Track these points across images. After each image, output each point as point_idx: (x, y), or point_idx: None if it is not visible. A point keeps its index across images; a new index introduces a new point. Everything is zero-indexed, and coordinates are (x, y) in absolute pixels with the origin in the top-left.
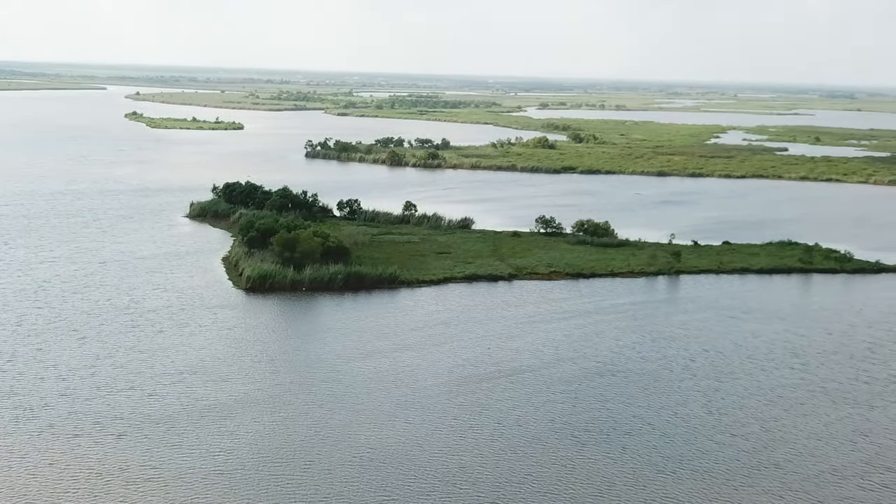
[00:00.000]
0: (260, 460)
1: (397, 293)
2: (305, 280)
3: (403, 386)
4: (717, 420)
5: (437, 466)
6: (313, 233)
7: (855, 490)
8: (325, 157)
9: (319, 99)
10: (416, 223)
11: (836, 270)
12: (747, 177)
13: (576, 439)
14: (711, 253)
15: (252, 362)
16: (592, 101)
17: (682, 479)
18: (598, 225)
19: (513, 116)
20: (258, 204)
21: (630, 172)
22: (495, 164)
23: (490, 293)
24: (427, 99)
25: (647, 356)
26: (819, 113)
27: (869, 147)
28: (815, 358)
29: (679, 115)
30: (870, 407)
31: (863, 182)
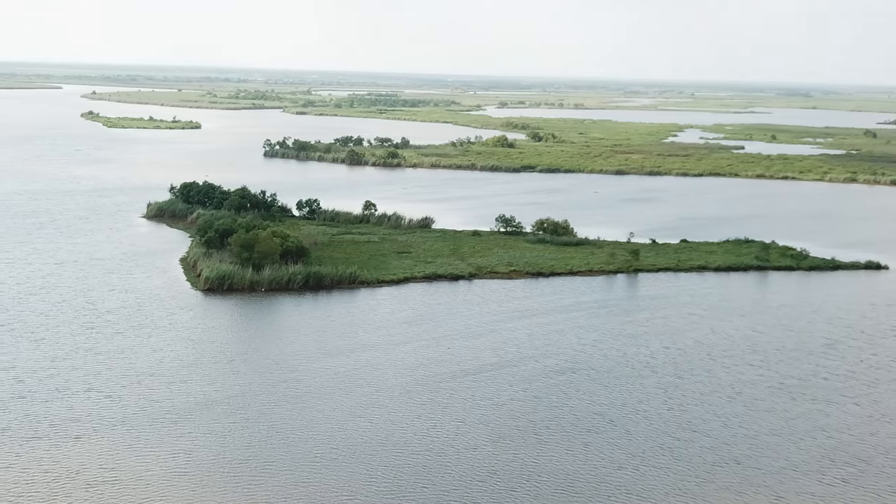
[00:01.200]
0: (219, 461)
1: (357, 293)
2: (264, 281)
3: (365, 385)
4: (677, 416)
5: (399, 466)
6: (272, 233)
7: (815, 485)
8: (284, 156)
9: (278, 98)
10: (376, 223)
11: (793, 268)
12: (704, 175)
13: (538, 437)
14: (669, 251)
15: (211, 363)
16: (551, 100)
17: (643, 475)
18: (558, 224)
19: (472, 115)
20: (216, 204)
21: (589, 171)
22: (455, 163)
23: (451, 292)
24: (386, 98)
25: (608, 354)
26: (776, 111)
27: (824, 145)
28: (775, 354)
29: (637, 113)
30: (828, 402)
31: (818, 180)
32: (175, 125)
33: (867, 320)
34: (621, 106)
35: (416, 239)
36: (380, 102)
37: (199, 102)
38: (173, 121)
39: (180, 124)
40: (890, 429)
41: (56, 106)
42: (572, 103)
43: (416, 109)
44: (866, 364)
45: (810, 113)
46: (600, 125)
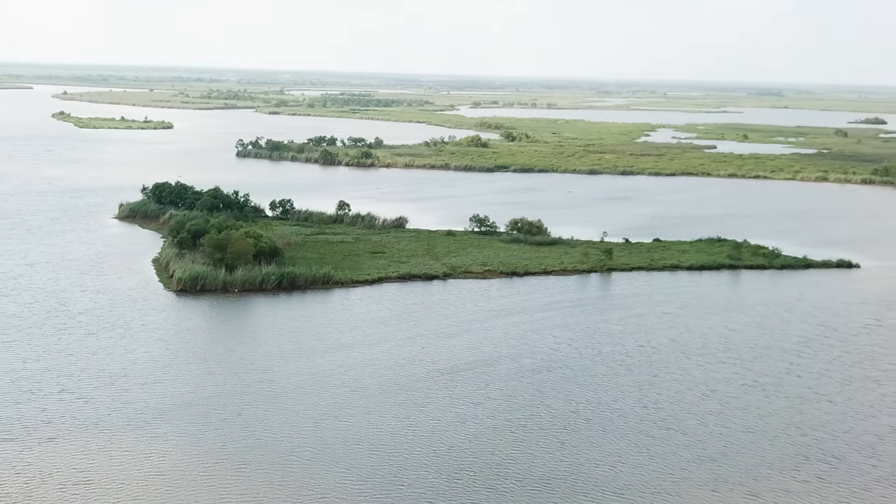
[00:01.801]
0: (194, 462)
1: (331, 293)
2: (237, 281)
3: (341, 385)
4: (653, 414)
5: (375, 465)
6: (245, 233)
7: (790, 482)
8: (257, 156)
9: (250, 97)
10: (350, 223)
11: (765, 266)
12: (677, 174)
13: (514, 435)
14: (642, 250)
15: (184, 364)
16: (524, 100)
17: (619, 473)
18: (532, 223)
19: (445, 115)
20: (188, 204)
21: (562, 171)
22: (429, 163)
23: (425, 292)
24: (359, 97)
25: (583, 352)
26: (747, 110)
27: (796, 144)
28: (749, 352)
29: (610, 113)
30: (802, 400)
31: (790, 179)
32: (147, 125)
33: (840, 318)
34: (594, 106)
35: (391, 239)
36: (353, 102)
37: (171, 102)
38: (145, 121)
39: (152, 124)
40: (863, 426)
41: (27, 106)
42: (545, 103)
43: (389, 109)
44: (839, 362)
45: (782, 112)
46: (573, 125)
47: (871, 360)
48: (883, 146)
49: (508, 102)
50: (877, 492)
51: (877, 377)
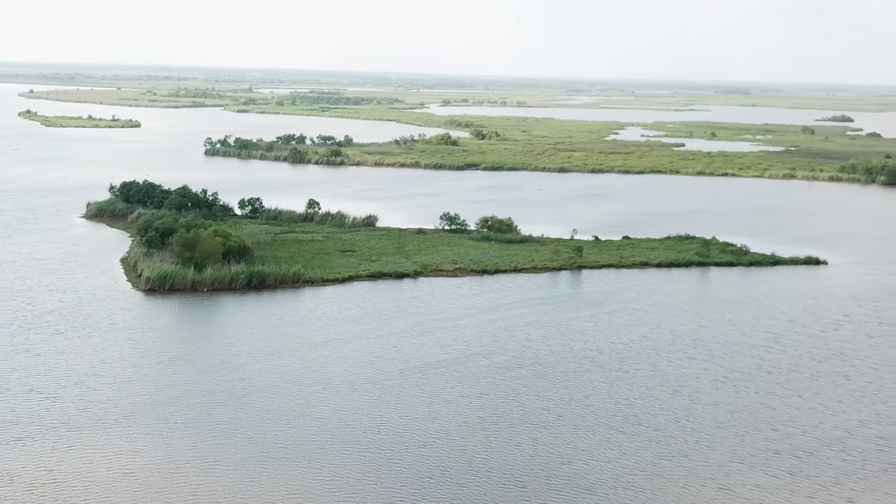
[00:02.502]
0: (164, 461)
1: (301, 292)
2: (206, 280)
3: (312, 384)
4: (624, 410)
5: (347, 463)
6: (214, 232)
7: (761, 477)
8: (226, 154)
9: (218, 96)
10: (320, 221)
11: (733, 264)
12: (646, 172)
13: (486, 433)
14: (612, 248)
15: (153, 363)
16: (494, 98)
17: (591, 469)
18: (502, 221)
19: (415, 113)
20: (157, 203)
21: (532, 169)
22: (399, 161)
23: (396, 290)
24: (329, 96)
25: (554, 349)
26: (715, 109)
27: (763, 142)
28: (719, 348)
29: (579, 111)
30: (772, 395)
31: (758, 176)
32: (115, 124)
33: (809, 314)
34: (564, 104)
35: (361, 237)
36: (322, 100)
37: (139, 101)
38: (113, 119)
39: (120, 123)
40: (833, 420)
41: None
42: (515, 101)
43: (358, 107)
44: (809, 357)
45: (749, 110)
46: (543, 123)
47: (840, 356)
48: (850, 144)
49: (478, 101)
50: (847, 486)
51: (846, 373)
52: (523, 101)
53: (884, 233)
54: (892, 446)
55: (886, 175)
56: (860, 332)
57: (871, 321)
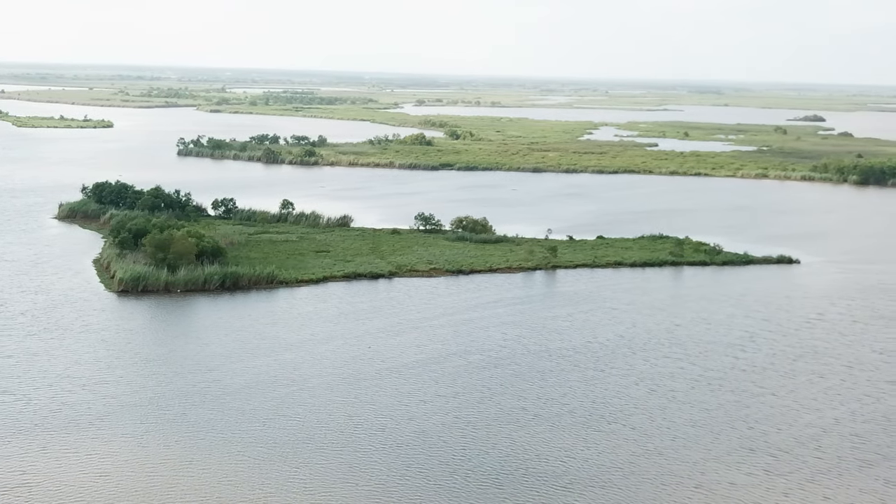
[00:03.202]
0: (138, 464)
1: (276, 293)
2: (180, 281)
3: (288, 384)
4: (600, 409)
5: (324, 463)
6: (187, 233)
7: (736, 475)
8: (199, 154)
9: (191, 95)
10: (294, 222)
11: (706, 263)
12: (619, 172)
13: (463, 432)
14: (586, 247)
15: (127, 365)
16: (468, 98)
17: (568, 468)
18: (477, 221)
19: (389, 113)
20: (129, 204)
21: (507, 169)
22: (373, 161)
23: (371, 291)
24: (302, 95)
25: (531, 349)
26: (688, 108)
27: (736, 141)
28: (694, 347)
29: (553, 111)
30: (747, 394)
31: (731, 176)
32: (87, 124)
33: (783, 313)
34: (538, 104)
35: (335, 238)
36: (296, 100)
37: (112, 101)
38: (85, 119)
39: (92, 123)
40: (807, 418)
41: None
42: (489, 101)
43: (332, 107)
44: (783, 356)
45: (722, 110)
46: (517, 123)
47: (814, 354)
48: (822, 143)
49: (452, 101)
50: (822, 483)
51: (820, 371)
52: (497, 101)
53: (855, 232)
54: (866, 444)
55: (858, 174)
56: (834, 331)
57: (845, 319)
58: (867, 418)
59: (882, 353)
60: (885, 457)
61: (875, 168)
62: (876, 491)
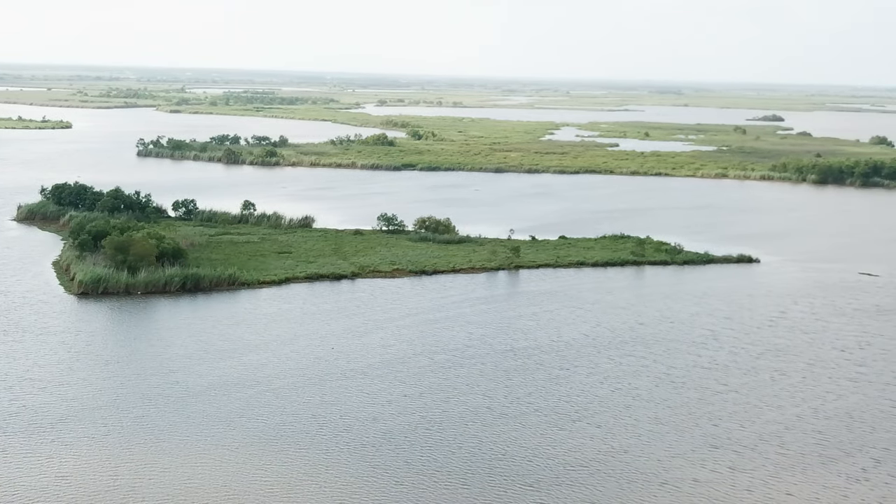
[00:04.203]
0: (98, 465)
1: (237, 294)
2: (140, 283)
3: (252, 386)
4: (566, 408)
5: (288, 464)
6: (147, 234)
7: (701, 472)
8: (158, 155)
9: (151, 96)
10: (256, 223)
11: (668, 262)
12: (581, 172)
13: (429, 432)
14: (549, 247)
15: (87, 367)
16: (430, 98)
17: (534, 466)
18: (440, 222)
19: (351, 113)
20: (89, 205)
21: (469, 169)
22: (335, 162)
23: (334, 292)
24: (263, 95)
25: (497, 349)
26: (648, 108)
27: (696, 141)
28: (658, 345)
29: (514, 111)
30: (711, 391)
31: (691, 175)
32: (45, 125)
33: (745, 311)
34: (499, 104)
35: (297, 239)
36: (256, 100)
37: (70, 101)
38: (43, 120)
39: (50, 124)
40: (770, 415)
41: None
42: (451, 101)
43: (293, 107)
44: (746, 353)
45: (682, 110)
46: (479, 123)
47: (776, 352)
48: (780, 143)
49: (414, 101)
50: (785, 480)
51: (782, 368)
52: (459, 102)
53: (815, 231)
54: (828, 440)
55: (817, 174)
56: (796, 329)
57: (807, 317)
58: (829, 415)
59: (843, 351)
60: (847, 453)
61: (833, 167)
62: (838, 487)
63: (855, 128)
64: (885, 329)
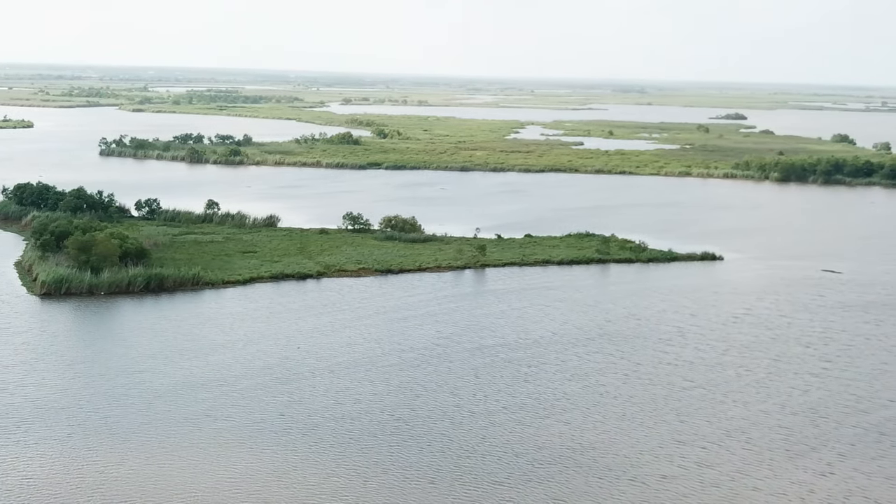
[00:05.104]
0: (62, 466)
1: (202, 294)
2: (103, 284)
3: (220, 385)
4: (535, 405)
5: (255, 464)
6: (110, 234)
7: (668, 467)
8: (121, 154)
9: (113, 95)
10: (220, 222)
11: (632, 260)
12: (546, 171)
13: (398, 430)
14: (514, 246)
15: (50, 368)
16: (395, 97)
17: (503, 463)
18: (406, 221)
19: (316, 112)
20: (51, 206)
21: (434, 167)
22: (300, 161)
23: (299, 291)
24: (226, 94)
25: (465, 347)
26: (612, 107)
27: (660, 140)
28: (625, 343)
29: (479, 110)
30: (678, 388)
31: (654, 174)
32: (6, 124)
33: (711, 308)
34: (464, 103)
35: (262, 238)
36: (219, 99)
37: (31, 100)
38: (3, 120)
39: (11, 123)
40: (736, 411)
41: None
42: (416, 100)
43: (257, 106)
44: (711, 350)
45: (646, 109)
46: (444, 122)
47: (741, 348)
48: (743, 141)
49: (379, 99)
50: (751, 475)
51: (748, 364)
52: (424, 100)
53: (777, 228)
54: (794, 435)
55: (779, 172)
56: (761, 325)
57: (772, 314)
58: (795, 410)
59: (808, 347)
60: (812, 448)
61: (796, 165)
62: (805, 482)
63: (817, 126)
64: (848, 325)
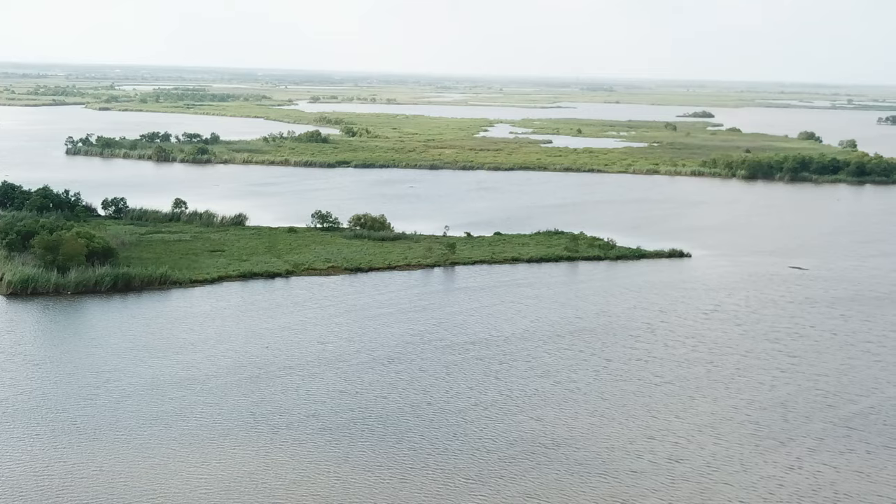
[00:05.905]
0: (28, 465)
1: (169, 294)
2: (70, 283)
3: (189, 384)
4: (507, 401)
5: (224, 461)
6: (77, 234)
7: (639, 463)
8: (88, 153)
9: (80, 93)
10: (187, 221)
11: (601, 258)
12: (515, 169)
13: (368, 428)
14: (484, 244)
15: (16, 368)
16: (364, 95)
17: (476, 460)
18: (375, 219)
19: (284, 110)
20: (17, 205)
21: (404, 166)
22: (268, 159)
23: (268, 290)
24: (194, 92)
25: (437, 344)
26: (581, 105)
27: (628, 138)
28: (596, 340)
29: (448, 108)
30: (648, 384)
31: (623, 172)
32: None
33: (680, 304)
34: (433, 101)
35: (230, 237)
36: (187, 97)
37: None
38: None
39: None
40: (705, 407)
41: None
42: (385, 98)
43: (225, 104)
44: (681, 346)
45: (614, 107)
46: (413, 120)
47: (710, 344)
48: (711, 138)
49: (348, 97)
50: (720, 469)
51: (717, 360)
52: (393, 99)
53: (745, 225)
54: (763, 430)
55: (746, 169)
56: (729, 321)
57: (740, 310)
58: (764, 405)
59: (776, 342)
60: (781, 443)
61: (763, 163)
62: (774, 476)
63: (783, 123)
64: (816, 321)
